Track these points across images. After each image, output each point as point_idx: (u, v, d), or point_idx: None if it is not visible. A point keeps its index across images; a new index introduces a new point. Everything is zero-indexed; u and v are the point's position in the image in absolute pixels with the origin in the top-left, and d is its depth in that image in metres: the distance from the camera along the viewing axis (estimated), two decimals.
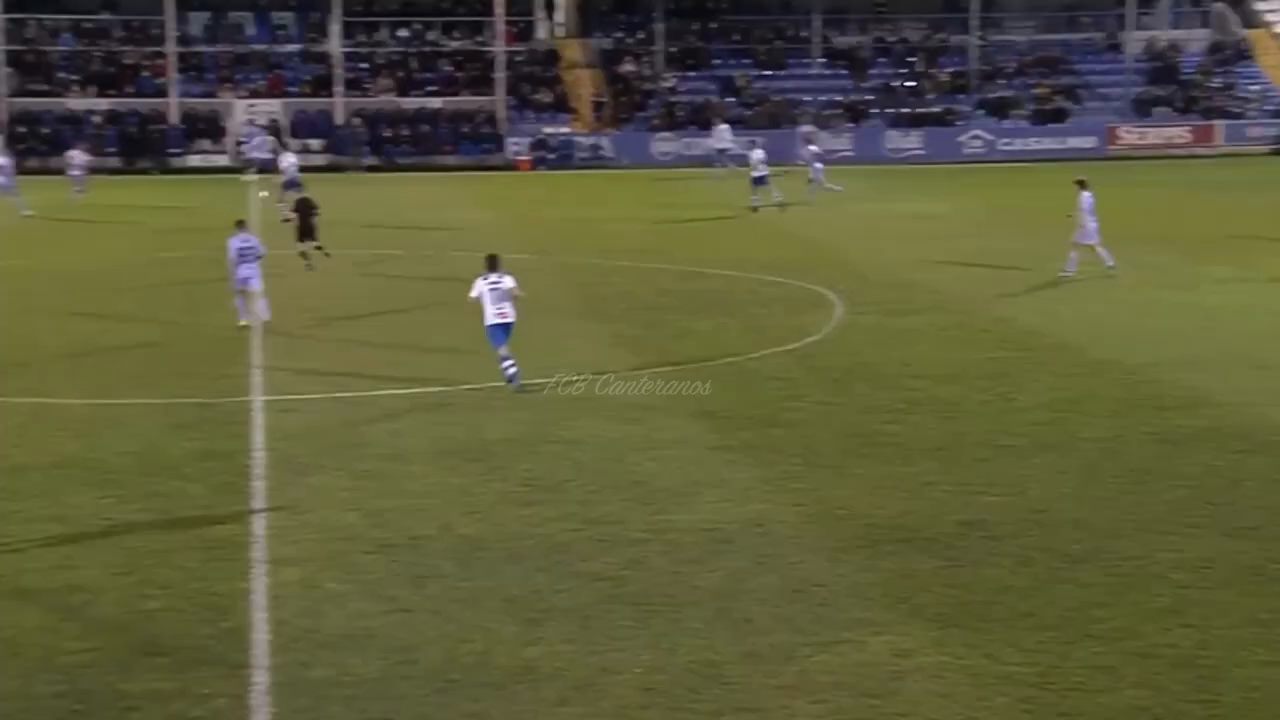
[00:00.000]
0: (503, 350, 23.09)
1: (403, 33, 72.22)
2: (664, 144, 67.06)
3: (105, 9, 70.95)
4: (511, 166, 65.39)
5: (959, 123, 70.08)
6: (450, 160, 66.11)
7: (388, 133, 66.91)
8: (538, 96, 69.88)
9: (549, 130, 67.44)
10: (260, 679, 12.77)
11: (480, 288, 23.27)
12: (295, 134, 64.75)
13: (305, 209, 35.53)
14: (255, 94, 67.81)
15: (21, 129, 64.07)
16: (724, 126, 62.14)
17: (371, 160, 64.84)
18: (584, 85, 70.68)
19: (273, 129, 63.27)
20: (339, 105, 67.35)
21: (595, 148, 66.35)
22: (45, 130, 64.32)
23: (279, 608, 14.32)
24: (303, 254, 34.86)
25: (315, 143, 65.33)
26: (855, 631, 13.72)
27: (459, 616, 14.11)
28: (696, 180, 58.03)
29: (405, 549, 16.00)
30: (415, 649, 13.36)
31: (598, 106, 69.28)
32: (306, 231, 35.13)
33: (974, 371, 24.58)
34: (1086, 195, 33.83)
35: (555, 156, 66.02)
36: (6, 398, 22.62)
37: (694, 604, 14.43)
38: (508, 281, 23.27)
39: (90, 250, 37.25)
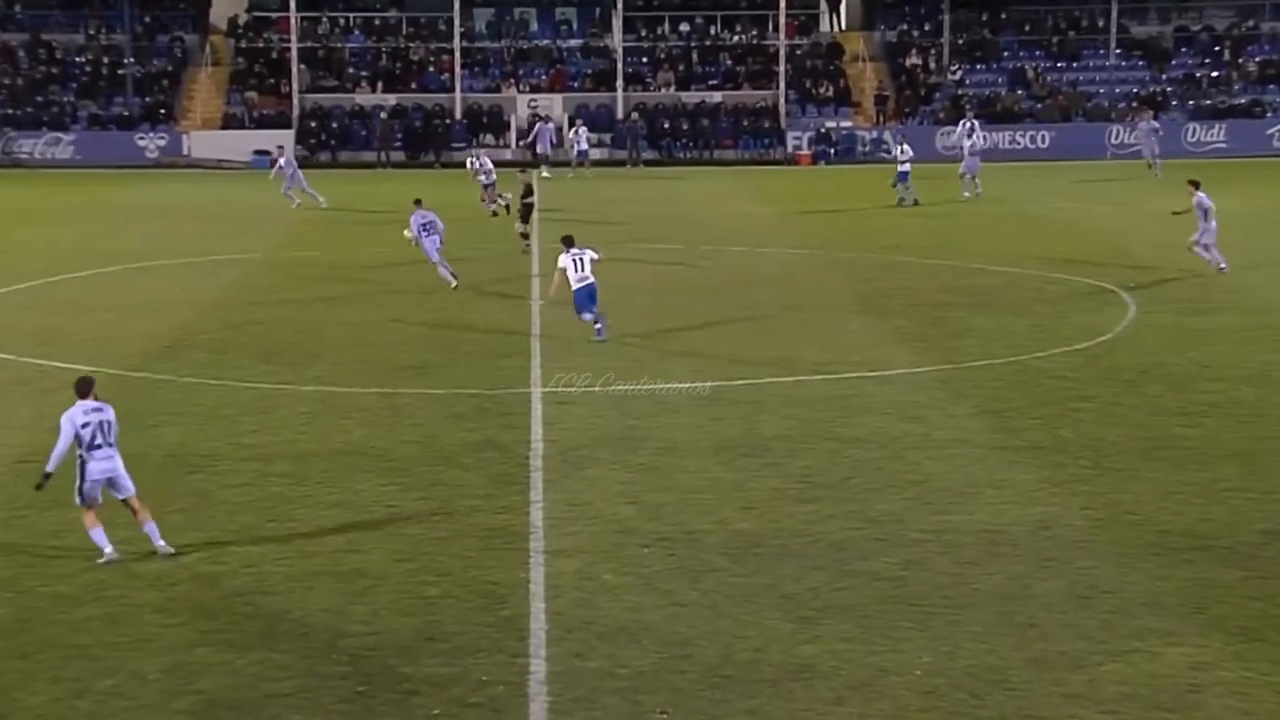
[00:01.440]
0: (594, 313, 26.43)
1: (684, 27, 72.73)
2: (949, 138, 66.02)
3: (394, 6, 73.19)
4: (791, 161, 65.28)
5: (1269, 115, 67.41)
6: (729, 154, 66.36)
7: (667, 127, 67.49)
8: (820, 90, 69.63)
9: (830, 124, 67.14)
10: (537, 667, 13.02)
11: (565, 261, 26.68)
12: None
13: (530, 193, 38.00)
14: (537, 89, 69.14)
15: (312, 124, 66.49)
16: (972, 123, 60.74)
17: (650, 154, 65.48)
18: (867, 78, 70.15)
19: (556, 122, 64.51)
20: (619, 99, 68.21)
21: (878, 142, 65.77)
22: (334, 125, 66.64)
23: (556, 598, 14.58)
24: (524, 235, 37.38)
25: (595, 136, 66.23)
26: (1148, 641, 13.32)
27: (734, 612, 14.16)
28: (984, 174, 57.05)
29: (681, 543, 16.12)
30: (690, 643, 13.45)
31: (881, 100, 68.69)
32: (525, 215, 37.72)
33: (1277, 374, 23.63)
34: (1201, 196, 32.52)
35: (836, 151, 65.70)
36: (296, 386, 23.51)
37: (975, 606, 14.21)
38: (589, 254, 26.81)
39: (373, 242, 38.42)
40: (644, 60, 70.88)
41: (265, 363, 25.18)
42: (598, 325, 26.49)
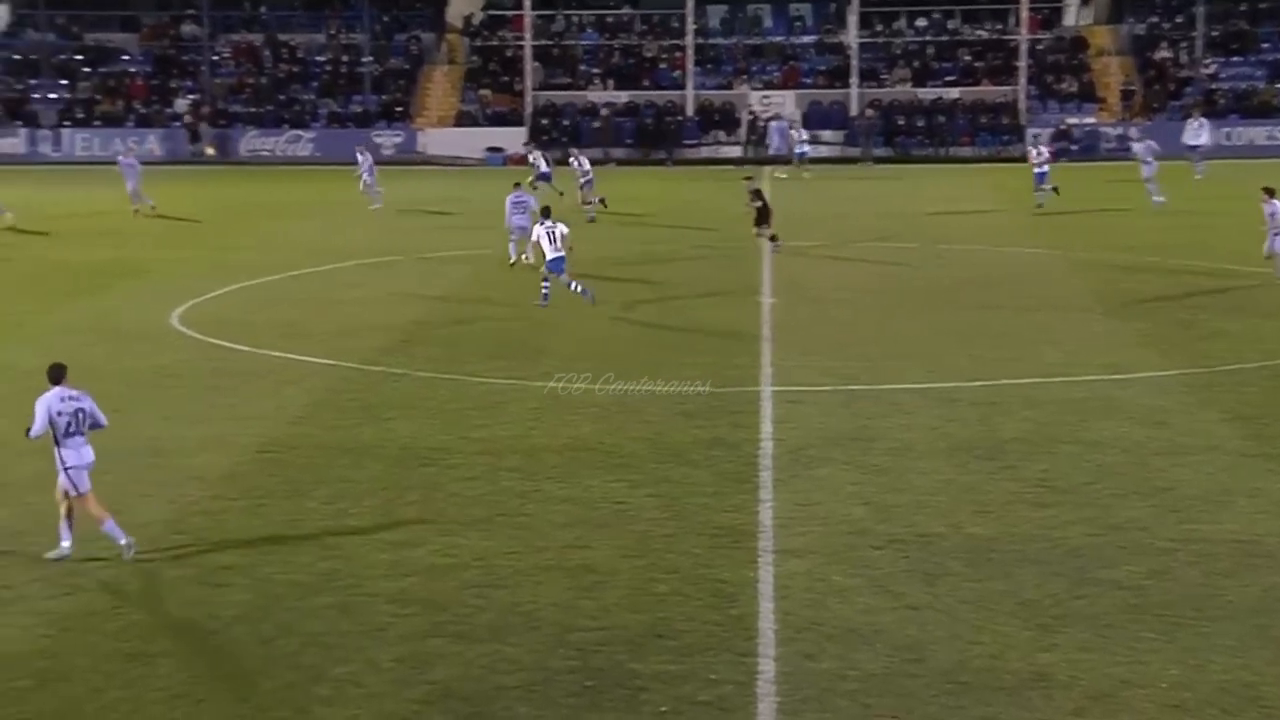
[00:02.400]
0: (564, 279, 29.46)
1: (921, 22, 72.01)
2: (1192, 134, 64.11)
3: (627, 4, 73.88)
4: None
5: None
6: (965, 151, 65.44)
7: (901, 123, 66.86)
8: (1062, 85, 68.28)
9: (1073, 120, 65.77)
10: (766, 667, 12.97)
11: (539, 232, 29.96)
12: (808, 125, 65.62)
13: (758, 197, 37.31)
14: (770, 85, 69.10)
15: (544, 121, 67.42)
16: (1202, 120, 58.93)
17: (883, 151, 64.94)
18: (1112, 73, 68.57)
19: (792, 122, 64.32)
20: (854, 96, 67.77)
21: (1122, 138, 64.20)
22: (565, 122, 67.46)
23: (785, 598, 14.52)
24: (772, 237, 36.73)
25: (828, 134, 65.94)
26: None
27: (969, 618, 13.93)
28: (1239, 171, 55.34)
29: (913, 545, 15.93)
30: (923, 647, 13.27)
31: (1127, 95, 67.06)
32: (762, 218, 36.99)
33: None
34: (1276, 204, 30.84)
35: (1079, 147, 64.32)
36: (527, 381, 23.82)
37: (1227, 619, 13.75)
38: (561, 228, 29.70)
39: (601, 239, 38.78)
40: (879, 56, 70.32)
41: (495, 358, 25.56)
42: (582, 290, 29.56)
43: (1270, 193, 32.05)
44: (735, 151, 65.47)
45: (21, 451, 19.67)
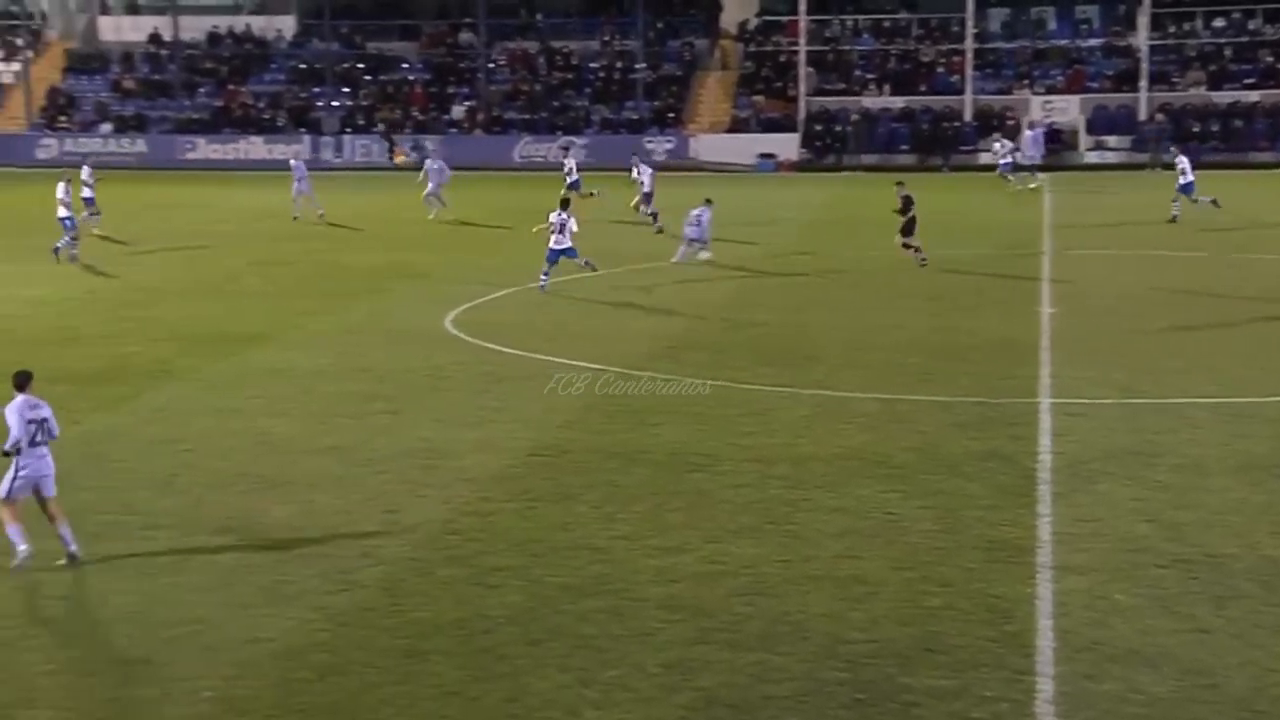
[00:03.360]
0: (552, 268, 33.00)
1: (1218, 22, 69.77)
2: None
3: (905, 8, 73.20)
4: None
5: None
6: (1265, 157, 63.15)
7: (1195, 129, 64.85)
8: None
9: None
10: (1044, 687, 12.73)
11: (554, 220, 33.15)
12: (1092, 131, 64.07)
13: (908, 205, 36.05)
14: (1052, 90, 67.71)
15: (817, 127, 67.22)
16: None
17: (1170, 158, 63.05)
18: None
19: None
20: (1142, 100, 66.00)
21: None
22: (838, 128, 67.15)
23: (1064, 616, 14.23)
24: (915, 249, 35.76)
25: (1114, 139, 64.37)
26: None
27: (1266, 643, 13.45)
28: None
29: (1203, 566, 15.45)
30: (1214, 672, 12.86)
31: None
32: (909, 228, 35.80)
33: None
34: None
35: None
36: (796, 389, 23.78)
37: None
38: (573, 223, 32.91)
39: (872, 245, 38.47)
40: (1171, 58, 68.34)
41: (764, 365, 25.59)
42: (545, 280, 33.10)
43: None
44: (989, 158, 64.22)
45: (304, 450, 20.47)
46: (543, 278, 33.11)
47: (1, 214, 48.20)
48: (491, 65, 73.75)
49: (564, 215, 33.29)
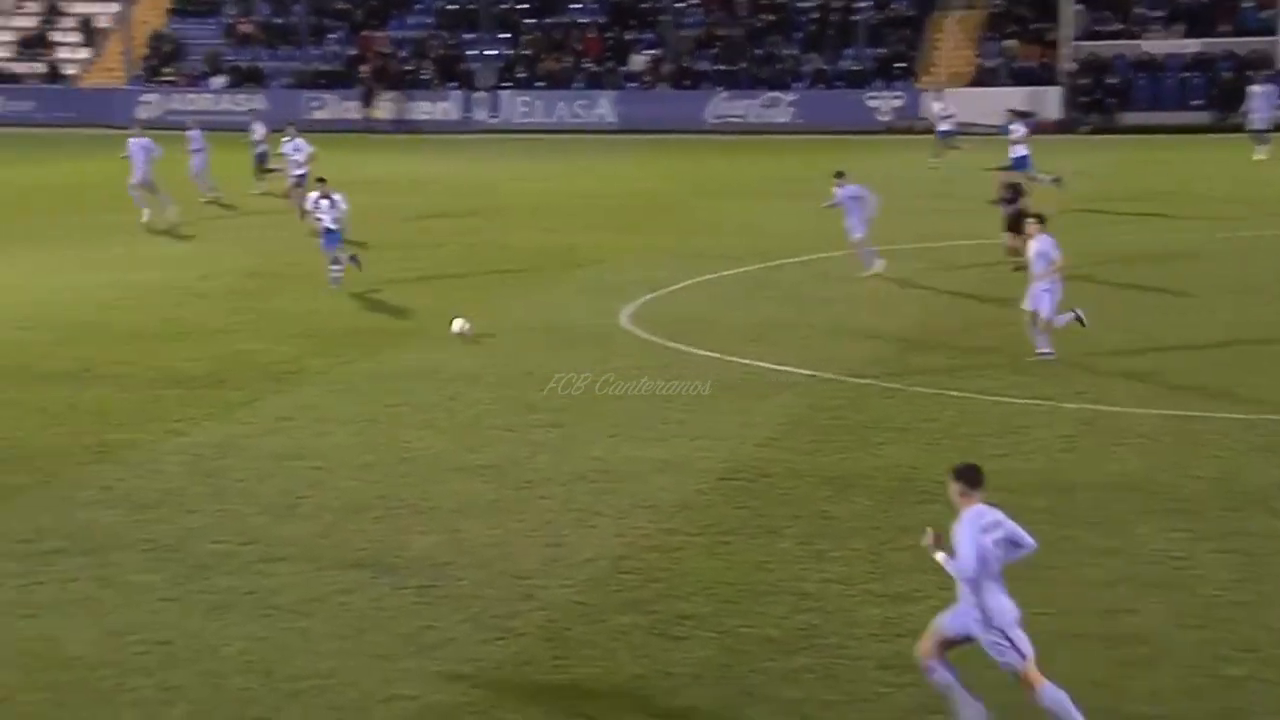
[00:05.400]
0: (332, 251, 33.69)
1: None
2: None
3: None
4: None
5: None
6: None
7: None
8: None
9: None
10: None
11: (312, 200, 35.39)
12: None
13: (1014, 195, 35.19)
14: None
15: (1084, 80, 66.10)
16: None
17: None
18: None
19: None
20: None
21: None
22: (1112, 81, 66.06)
23: None
24: (1014, 251, 33.54)
25: None
26: None
27: None
28: None
29: None
30: None
31: None
32: (1013, 224, 33.83)
33: None
34: None
35: None
36: (1056, 402, 23.50)
37: None
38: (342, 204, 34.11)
39: (1164, 228, 37.92)
40: None
41: (1015, 372, 25.33)
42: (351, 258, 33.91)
43: None
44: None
45: (453, 468, 20.69)
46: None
47: (103, 184, 49.32)
48: (680, 4, 73.83)
49: (332, 195, 34.02)
